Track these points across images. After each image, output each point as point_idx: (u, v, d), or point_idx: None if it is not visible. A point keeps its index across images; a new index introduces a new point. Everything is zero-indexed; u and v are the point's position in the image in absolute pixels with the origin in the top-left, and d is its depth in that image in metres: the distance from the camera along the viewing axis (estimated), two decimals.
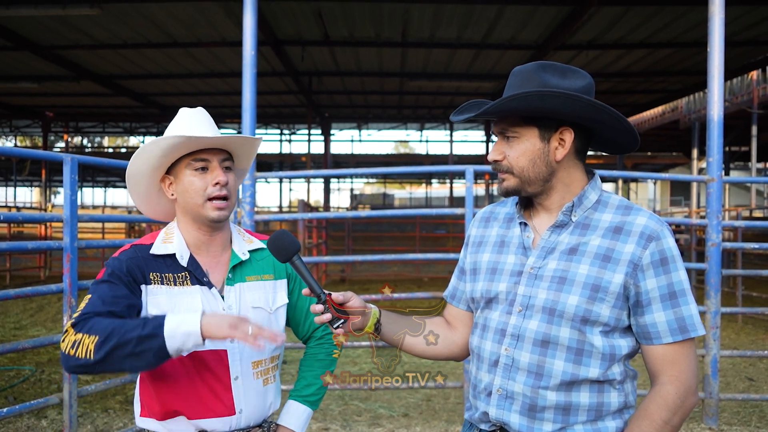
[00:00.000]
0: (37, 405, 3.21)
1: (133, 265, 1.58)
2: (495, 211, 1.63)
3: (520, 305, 1.44)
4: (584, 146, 1.48)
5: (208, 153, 1.62)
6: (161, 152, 1.59)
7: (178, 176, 1.64)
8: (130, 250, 1.62)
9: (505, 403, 1.43)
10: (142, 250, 1.62)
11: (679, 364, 1.38)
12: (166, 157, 1.61)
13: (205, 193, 1.61)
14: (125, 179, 1.70)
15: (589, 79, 1.43)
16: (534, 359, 1.40)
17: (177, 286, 1.60)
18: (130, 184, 1.68)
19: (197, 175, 1.61)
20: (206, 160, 1.62)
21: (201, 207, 1.61)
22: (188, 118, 1.66)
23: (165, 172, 1.67)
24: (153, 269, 1.60)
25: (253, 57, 4.10)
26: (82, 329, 1.43)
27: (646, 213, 1.42)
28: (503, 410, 1.43)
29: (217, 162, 1.63)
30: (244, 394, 1.63)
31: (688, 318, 1.37)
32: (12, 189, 32.64)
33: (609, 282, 1.37)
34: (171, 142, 1.57)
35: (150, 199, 1.72)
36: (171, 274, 1.61)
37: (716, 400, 4.25)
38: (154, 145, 1.58)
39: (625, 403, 1.43)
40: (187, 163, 1.62)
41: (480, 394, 1.50)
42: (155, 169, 1.64)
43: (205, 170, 1.62)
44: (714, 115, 4.21)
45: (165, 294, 1.59)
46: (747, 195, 32.54)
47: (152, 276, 1.60)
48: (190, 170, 1.62)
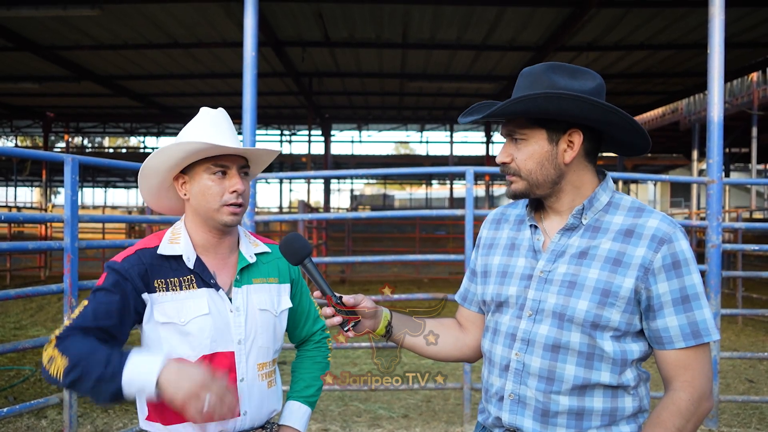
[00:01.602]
0: (37, 405, 3.21)
1: (135, 274, 1.57)
2: (506, 212, 1.62)
3: (530, 309, 1.43)
4: (594, 148, 1.45)
5: (228, 159, 1.61)
6: (185, 155, 1.58)
7: (195, 178, 1.62)
8: (134, 257, 1.60)
9: (517, 408, 1.42)
10: (146, 255, 1.61)
11: (693, 370, 1.35)
12: (187, 159, 1.60)
13: (222, 198, 1.60)
14: (137, 172, 1.69)
15: (599, 80, 1.41)
16: (545, 364, 1.39)
17: (183, 291, 1.59)
18: (143, 176, 1.66)
19: (215, 180, 1.60)
20: (226, 167, 1.61)
21: (216, 212, 1.60)
22: (211, 122, 1.63)
23: (180, 171, 1.65)
24: (157, 275, 1.59)
25: (253, 58, 4.10)
26: (59, 346, 1.45)
27: (659, 215, 1.39)
28: (516, 415, 1.42)
29: (236, 169, 1.62)
30: (248, 395, 1.64)
31: (702, 323, 1.34)
32: (13, 189, 32.64)
33: (619, 287, 1.34)
34: (195, 147, 1.55)
35: (159, 194, 1.71)
36: (176, 279, 1.60)
37: (716, 401, 4.25)
38: (176, 148, 1.56)
39: (639, 408, 1.41)
40: (207, 166, 1.60)
41: (492, 399, 1.49)
42: (172, 168, 1.62)
43: (223, 175, 1.61)
44: (714, 117, 4.22)
45: (171, 300, 1.58)
46: (747, 196, 32.54)
47: (157, 284, 1.58)
48: (208, 174, 1.60)
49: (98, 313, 1.51)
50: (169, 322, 1.57)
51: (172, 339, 1.57)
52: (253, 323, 1.65)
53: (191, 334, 1.57)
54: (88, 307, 1.52)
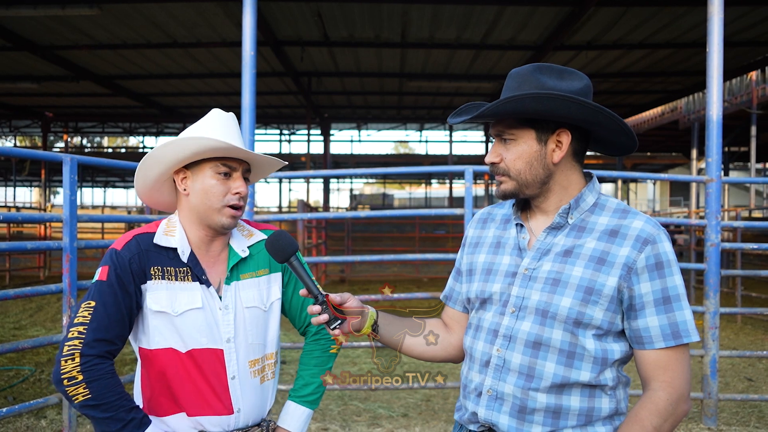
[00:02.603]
0: (36, 405, 3.21)
1: (134, 263, 1.57)
2: (492, 212, 1.63)
3: (513, 306, 1.44)
4: (582, 148, 1.47)
5: (235, 161, 1.63)
6: (199, 149, 1.58)
7: (198, 174, 1.62)
8: (133, 243, 1.60)
9: (494, 404, 1.42)
10: (144, 241, 1.61)
11: (672, 370, 1.36)
12: (199, 154, 1.60)
13: (224, 199, 1.61)
14: (139, 162, 1.67)
15: (586, 81, 1.42)
16: (525, 360, 1.39)
17: (178, 281, 1.60)
18: (144, 166, 1.64)
19: (219, 180, 1.61)
20: (232, 168, 1.63)
21: (216, 212, 1.61)
22: (223, 123, 1.64)
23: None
24: (155, 263, 1.59)
25: (252, 57, 4.10)
26: (85, 371, 1.46)
27: (643, 217, 1.41)
28: (492, 411, 1.42)
29: (241, 171, 1.65)
30: (241, 393, 1.64)
31: (682, 324, 1.35)
32: (11, 189, 32.63)
33: (603, 285, 1.36)
34: (213, 145, 1.56)
35: (155, 186, 1.69)
36: (173, 268, 1.61)
37: (715, 400, 4.25)
38: (193, 142, 1.56)
39: (616, 410, 1.41)
40: (214, 165, 1.61)
41: (470, 395, 1.49)
42: (180, 160, 1.61)
43: (227, 176, 1.62)
44: (713, 116, 4.22)
45: (165, 289, 1.58)
46: (746, 195, 32.58)
47: (153, 270, 1.59)
48: (212, 172, 1.61)
49: (111, 319, 1.51)
50: (161, 311, 1.57)
51: (164, 329, 1.58)
52: (241, 321, 1.65)
53: (183, 326, 1.57)
54: (99, 308, 1.51)
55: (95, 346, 1.47)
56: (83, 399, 1.45)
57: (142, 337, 1.61)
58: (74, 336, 1.48)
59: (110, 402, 1.46)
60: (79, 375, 1.45)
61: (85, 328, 1.48)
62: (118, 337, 1.53)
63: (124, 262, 1.56)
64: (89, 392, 1.45)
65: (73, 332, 1.49)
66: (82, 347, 1.46)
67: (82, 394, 1.45)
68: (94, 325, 1.49)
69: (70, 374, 1.45)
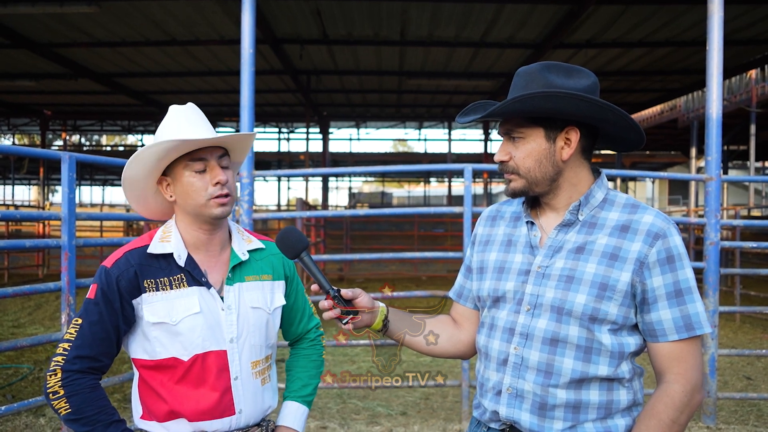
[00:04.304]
0: (35, 403, 3.21)
1: (123, 280, 1.57)
2: (501, 209, 1.64)
3: (528, 304, 1.45)
4: (590, 145, 1.48)
5: (204, 152, 1.60)
6: (157, 156, 1.57)
7: (177, 178, 1.61)
8: (123, 260, 1.60)
9: (515, 402, 1.44)
10: (135, 257, 1.60)
11: (685, 362, 1.38)
12: (162, 160, 1.59)
13: (207, 192, 1.59)
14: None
15: (593, 78, 1.43)
16: (543, 358, 1.41)
17: (173, 290, 1.59)
18: (125, 186, 1.66)
19: (196, 176, 1.59)
20: (204, 160, 1.59)
21: (203, 206, 1.59)
22: (180, 118, 1.62)
23: (161, 174, 1.64)
24: (147, 276, 1.59)
25: (251, 55, 4.09)
26: (66, 387, 1.52)
27: (653, 211, 1.43)
28: (513, 409, 1.44)
29: (215, 161, 1.61)
30: (243, 393, 1.64)
31: (694, 315, 1.37)
32: (10, 187, 32.56)
33: (617, 280, 1.37)
34: (167, 146, 1.54)
35: (146, 201, 1.71)
36: (166, 278, 1.60)
37: (714, 398, 4.26)
38: (149, 151, 1.56)
39: (633, 401, 1.44)
40: (185, 164, 1.59)
41: (487, 393, 1.50)
42: (151, 172, 1.61)
43: (203, 170, 1.60)
44: (713, 114, 4.21)
45: (161, 300, 1.58)
46: (745, 194, 32.60)
47: (147, 284, 1.58)
48: (188, 171, 1.59)
49: (95, 337, 1.55)
50: (160, 322, 1.57)
51: (164, 339, 1.58)
52: (245, 321, 1.65)
53: (183, 334, 1.57)
54: (85, 327, 1.56)
55: (76, 363, 1.53)
56: (65, 413, 1.52)
57: (140, 349, 1.61)
58: (59, 352, 1.55)
59: (89, 416, 1.52)
60: (61, 389, 1.52)
61: (70, 345, 1.55)
62: (104, 354, 1.57)
63: (111, 280, 1.57)
64: (69, 406, 1.52)
65: (59, 349, 1.56)
66: (63, 363, 1.53)
67: (64, 408, 1.52)
68: (78, 342, 1.55)
69: (53, 389, 1.53)
